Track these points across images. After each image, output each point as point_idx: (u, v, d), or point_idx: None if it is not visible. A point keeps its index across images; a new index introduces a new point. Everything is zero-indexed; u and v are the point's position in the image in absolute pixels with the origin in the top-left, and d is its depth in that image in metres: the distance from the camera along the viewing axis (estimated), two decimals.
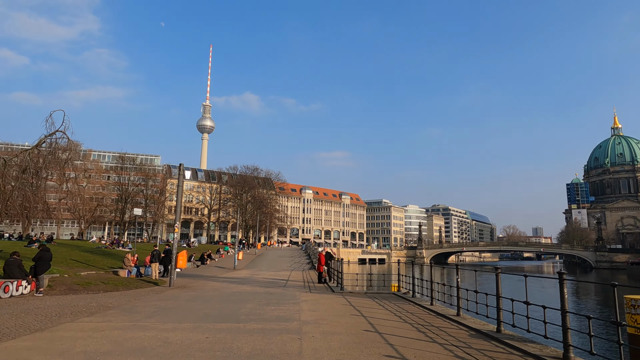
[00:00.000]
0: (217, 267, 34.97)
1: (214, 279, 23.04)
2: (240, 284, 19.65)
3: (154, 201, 63.78)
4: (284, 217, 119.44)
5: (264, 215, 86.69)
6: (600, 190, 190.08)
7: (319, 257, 20.58)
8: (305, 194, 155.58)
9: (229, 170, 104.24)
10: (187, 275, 25.42)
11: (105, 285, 15.51)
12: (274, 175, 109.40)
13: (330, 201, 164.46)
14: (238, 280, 22.02)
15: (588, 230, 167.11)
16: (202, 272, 28.23)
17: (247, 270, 32.13)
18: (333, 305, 12.54)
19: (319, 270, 20.81)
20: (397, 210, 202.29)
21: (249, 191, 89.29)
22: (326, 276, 20.73)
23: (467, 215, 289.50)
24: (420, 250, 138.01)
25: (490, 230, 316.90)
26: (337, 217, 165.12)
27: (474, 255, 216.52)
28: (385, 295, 15.41)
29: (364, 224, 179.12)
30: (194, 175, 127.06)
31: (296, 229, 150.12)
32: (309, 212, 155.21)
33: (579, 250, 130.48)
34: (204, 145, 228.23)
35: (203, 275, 25.32)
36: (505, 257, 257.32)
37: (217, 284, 19.46)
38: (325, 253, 20.86)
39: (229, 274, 27.45)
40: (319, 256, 20.61)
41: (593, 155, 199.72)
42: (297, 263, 41.93)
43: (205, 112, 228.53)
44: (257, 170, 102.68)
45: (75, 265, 21.27)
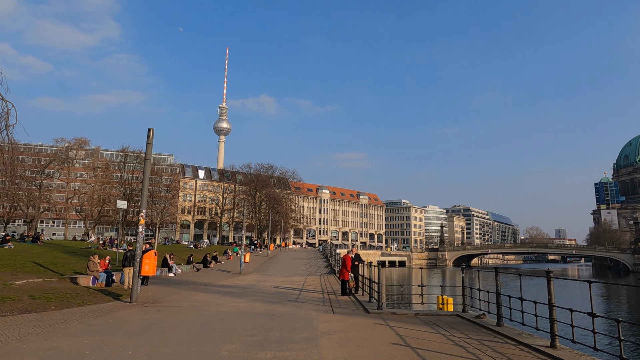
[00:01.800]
0: (221, 271, 30.00)
1: (206, 288, 17.93)
2: (236, 297, 14.47)
3: (161, 200, 59.34)
4: (300, 217, 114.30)
5: (279, 215, 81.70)
6: (631, 190, 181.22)
7: (344, 261, 15.45)
8: (322, 194, 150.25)
9: (243, 169, 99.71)
10: (176, 282, 20.45)
11: (33, 300, 10.56)
12: (289, 174, 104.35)
13: (348, 201, 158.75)
14: (236, 291, 16.85)
15: (619, 232, 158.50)
16: (197, 278, 23.24)
17: (254, 275, 27.03)
18: (375, 344, 7.23)
19: (342, 277, 15.62)
20: (416, 211, 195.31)
21: (263, 189, 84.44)
22: (353, 285, 15.50)
23: (488, 216, 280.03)
24: (442, 253, 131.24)
25: (512, 232, 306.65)
26: (354, 218, 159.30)
27: (497, 257, 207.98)
28: (448, 320, 10.03)
29: (382, 225, 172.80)
30: (207, 174, 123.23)
31: (313, 230, 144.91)
32: (325, 213, 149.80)
33: (615, 252, 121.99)
34: (221, 147, 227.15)
35: (195, 283, 20.28)
36: (529, 259, 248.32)
37: (204, 297, 14.32)
38: (355, 255, 15.59)
39: (230, 280, 22.38)
40: (344, 259, 15.54)
41: (623, 153, 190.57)
42: (314, 266, 36.70)
43: (222, 114, 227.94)
44: (272, 168, 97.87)
45: (27, 270, 16.52)
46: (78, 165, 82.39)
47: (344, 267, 15.38)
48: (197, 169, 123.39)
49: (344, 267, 15.38)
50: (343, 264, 15.40)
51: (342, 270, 15.39)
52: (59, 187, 79.55)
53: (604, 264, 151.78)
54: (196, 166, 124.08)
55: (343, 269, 15.42)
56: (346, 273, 15.23)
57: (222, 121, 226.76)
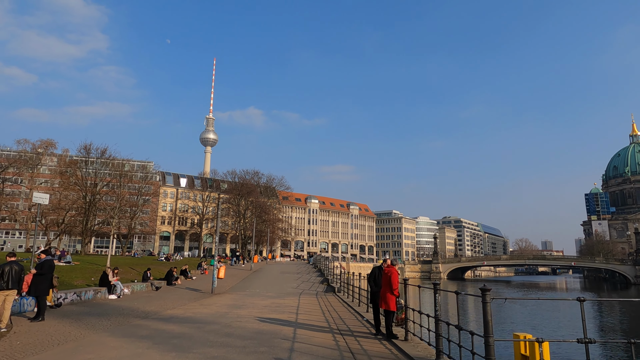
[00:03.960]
0: (187, 290, 23.18)
1: (136, 325, 11.08)
2: (174, 351, 7.79)
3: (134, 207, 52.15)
4: (288, 227, 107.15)
5: (265, 224, 74.68)
6: (621, 201, 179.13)
7: (388, 277, 9.04)
8: (311, 204, 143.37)
9: (227, 176, 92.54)
10: (101, 311, 13.66)
11: None
12: (276, 181, 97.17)
13: (338, 212, 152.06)
14: (185, 332, 10.05)
15: (612, 243, 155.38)
16: (144, 302, 16.45)
17: (229, 297, 20.28)
18: None
19: (386, 305, 9.10)
20: (408, 222, 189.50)
21: (248, 196, 77.42)
22: (401, 319, 8.84)
23: (479, 228, 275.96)
24: (436, 265, 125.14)
25: (503, 244, 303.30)
26: (344, 229, 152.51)
27: (490, 270, 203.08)
28: None
29: (373, 237, 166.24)
30: (190, 183, 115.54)
31: (301, 242, 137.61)
32: (314, 224, 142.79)
33: (615, 264, 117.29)
34: (207, 159, 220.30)
35: (131, 311, 13.50)
36: (520, 271, 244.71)
37: (102, 354, 7.58)
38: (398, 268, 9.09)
39: (190, 307, 15.63)
40: (388, 274, 9.16)
41: (612, 164, 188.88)
42: (307, 282, 29.99)
43: (209, 125, 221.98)
44: (258, 174, 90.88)
45: None
46: (45, 170, 74.65)
47: (389, 287, 9.00)
48: (179, 176, 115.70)
49: (389, 287, 9.00)
50: (386, 282, 9.07)
51: (385, 294, 8.73)
52: (25, 194, 71.58)
53: (599, 275, 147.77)
54: (177, 174, 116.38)
55: (386, 291, 9.02)
56: (392, 298, 8.68)
57: (208, 132, 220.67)
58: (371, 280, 10.09)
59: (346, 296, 21.05)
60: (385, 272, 9.10)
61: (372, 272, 10.21)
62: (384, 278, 9.13)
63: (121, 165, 54.06)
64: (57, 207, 54.54)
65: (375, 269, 10.20)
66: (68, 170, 50.27)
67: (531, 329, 24.46)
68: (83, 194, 45.30)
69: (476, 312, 32.87)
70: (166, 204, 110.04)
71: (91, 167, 49.50)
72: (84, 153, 48.87)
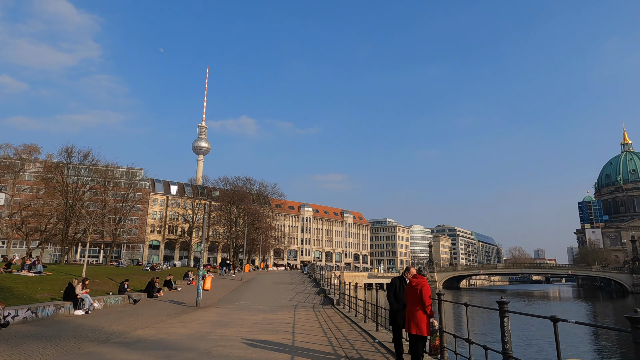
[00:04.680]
0: (170, 304, 20.77)
1: (91, 350, 8.76)
2: None
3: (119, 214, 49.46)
4: (281, 236, 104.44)
5: (257, 232, 72.09)
6: (613, 209, 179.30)
7: (419, 292, 6.59)
8: (304, 212, 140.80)
9: (219, 182, 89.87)
10: (53, 332, 11.30)
11: None
12: (269, 188, 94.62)
13: (332, 220, 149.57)
14: None
15: (606, 251, 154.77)
16: (114, 320, 14.06)
17: (215, 311, 17.91)
18: None
19: (416, 329, 6.62)
20: (402, 230, 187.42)
21: (240, 203, 74.85)
22: (436, 345, 6.57)
23: (473, 236, 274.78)
24: (431, 274, 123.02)
25: (497, 252, 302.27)
26: (338, 238, 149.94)
27: (485, 279, 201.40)
28: None
29: (367, 245, 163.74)
30: (180, 190, 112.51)
31: (294, 251, 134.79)
32: (308, 232, 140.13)
33: (613, 272, 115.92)
34: (199, 167, 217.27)
35: (92, 332, 11.12)
36: (514, 280, 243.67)
37: None
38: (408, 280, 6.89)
39: (167, 325, 13.28)
40: (417, 286, 6.72)
41: (604, 172, 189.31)
42: (302, 294, 27.63)
43: (201, 134, 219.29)
44: (250, 181, 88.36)
45: None
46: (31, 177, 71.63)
47: (419, 305, 6.68)
48: (169, 184, 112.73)
49: (419, 305, 6.68)
50: (415, 298, 6.77)
51: (413, 314, 6.38)
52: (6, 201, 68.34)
53: (594, 284, 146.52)
54: (168, 181, 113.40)
55: (415, 310, 6.67)
56: (423, 319, 6.35)
57: (201, 140, 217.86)
58: (391, 294, 7.86)
59: (347, 309, 18.78)
60: (413, 284, 6.89)
61: (391, 285, 7.98)
62: (409, 292, 6.94)
63: (105, 171, 51.39)
64: (37, 214, 51.70)
65: (395, 281, 7.98)
66: (48, 174, 47.49)
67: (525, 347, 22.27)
68: (64, 199, 42.53)
69: (489, 325, 30.56)
70: (156, 212, 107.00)
71: (73, 172, 46.77)
72: (65, 156, 46.15)
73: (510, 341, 5.14)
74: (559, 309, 58.00)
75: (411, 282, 7.04)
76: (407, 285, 7.21)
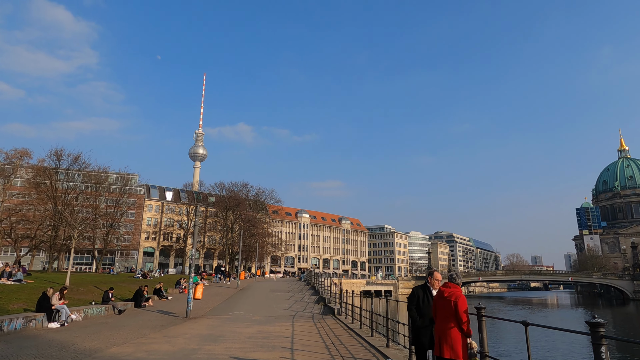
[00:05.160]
0: (158, 314, 19.23)
1: None
2: None
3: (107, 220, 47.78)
4: (278, 243, 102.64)
5: (254, 239, 70.44)
6: (611, 215, 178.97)
7: (454, 305, 5.17)
8: (302, 218, 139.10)
9: (215, 188, 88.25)
10: (34, 344, 9.80)
11: None
12: (266, 193, 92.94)
13: (329, 226, 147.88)
14: None
15: (605, 257, 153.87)
16: (92, 333, 12.55)
17: (206, 322, 16.40)
18: None
19: (450, 353, 5.17)
20: (400, 237, 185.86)
21: (236, 208, 73.24)
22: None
23: (471, 243, 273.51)
24: None
25: (494, 259, 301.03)
26: (336, 244, 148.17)
27: (483, 286, 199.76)
28: None
29: (365, 252, 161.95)
30: (176, 196, 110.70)
31: (291, 258, 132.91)
32: (305, 239, 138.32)
33: (613, 279, 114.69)
34: (196, 174, 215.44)
35: (62, 348, 9.65)
36: (512, 287, 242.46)
37: None
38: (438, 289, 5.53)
39: (148, 339, 11.75)
40: (451, 298, 5.31)
41: (601, 178, 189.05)
42: (300, 302, 26.12)
43: (198, 140, 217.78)
44: (247, 187, 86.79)
45: None
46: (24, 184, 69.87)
47: (454, 322, 5.23)
48: (165, 189, 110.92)
49: (454, 322, 5.23)
50: (448, 313, 5.38)
51: (446, 332, 5.20)
52: None
53: (593, 291, 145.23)
54: (163, 187, 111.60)
55: (448, 328, 5.24)
56: (458, 340, 4.93)
57: (197, 147, 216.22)
58: (412, 307, 6.41)
59: (350, 320, 17.30)
60: (445, 295, 5.47)
61: (412, 296, 6.51)
62: (439, 305, 5.53)
63: (97, 175, 49.73)
64: (26, 220, 49.97)
65: (417, 291, 6.52)
66: (36, 178, 45.85)
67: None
68: (52, 204, 40.89)
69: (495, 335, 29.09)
70: (150, 218, 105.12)
71: (64, 176, 45.14)
72: (54, 159, 44.56)
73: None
74: (565, 316, 56.57)
75: (442, 292, 5.62)
76: (435, 296, 5.81)
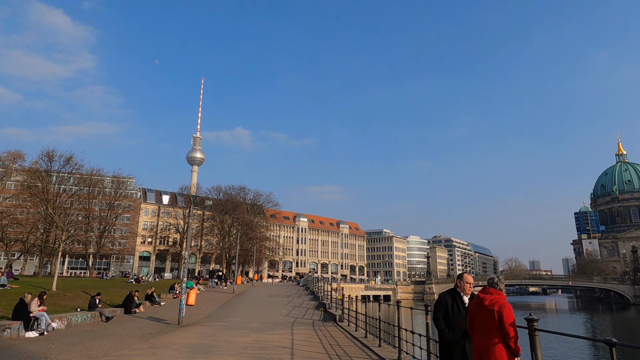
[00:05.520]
0: (148, 320, 18.05)
1: None
2: None
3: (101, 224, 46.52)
4: (276, 247, 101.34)
5: (251, 243, 69.19)
6: (610, 219, 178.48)
7: (498, 316, 4.04)
8: (300, 222, 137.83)
9: (212, 192, 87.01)
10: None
11: None
12: (264, 197, 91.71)
13: (327, 230, 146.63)
14: None
15: (604, 262, 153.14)
16: (73, 343, 11.39)
17: (198, 330, 15.24)
18: None
19: None
20: (398, 241, 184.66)
21: (233, 212, 72.01)
22: None
23: (469, 247, 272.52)
24: (429, 285, 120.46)
25: (493, 263, 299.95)
26: (334, 249, 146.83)
27: None
28: None
29: (364, 256, 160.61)
30: (172, 200, 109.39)
31: (289, 262, 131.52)
32: (303, 243, 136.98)
33: (614, 283, 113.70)
34: (194, 178, 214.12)
35: None
36: (511, 291, 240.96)
37: None
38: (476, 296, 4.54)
39: (132, 351, 10.57)
40: (492, 307, 4.24)
41: (599, 182, 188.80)
42: (299, 308, 24.96)
43: (196, 144, 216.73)
44: (245, 190, 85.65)
45: None
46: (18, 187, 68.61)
47: (498, 336, 4.11)
48: (161, 193, 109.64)
49: (498, 336, 4.11)
50: (495, 325, 4.24)
51: (487, 349, 4.13)
52: None
53: (593, 295, 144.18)
54: (160, 190, 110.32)
55: (491, 344, 4.14)
56: (504, 357, 3.92)
57: (195, 151, 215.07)
58: (440, 317, 5.28)
59: (354, 328, 16.16)
60: (486, 304, 4.37)
61: (439, 303, 5.40)
62: (477, 315, 4.42)
63: (91, 178, 48.47)
64: (17, 223, 48.64)
65: (445, 297, 5.42)
66: (27, 179, 44.60)
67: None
68: (43, 207, 39.65)
69: None
70: (147, 222, 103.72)
71: (57, 179, 43.90)
72: (46, 161, 43.33)
73: None
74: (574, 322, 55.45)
75: (481, 299, 4.52)
76: (472, 303, 4.72)
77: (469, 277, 5.27)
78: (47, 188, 42.37)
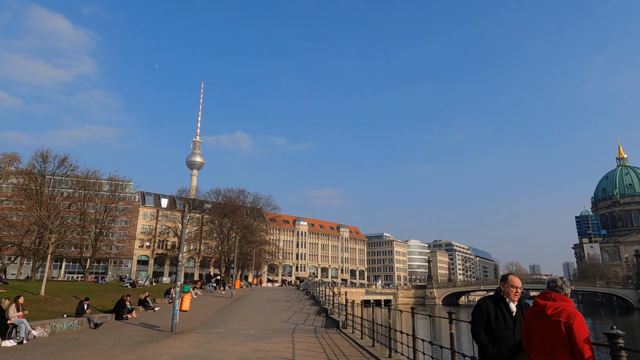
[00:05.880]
0: (140, 327, 16.96)
1: None
2: None
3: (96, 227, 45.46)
4: (276, 251, 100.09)
5: (251, 246, 68.03)
6: (611, 223, 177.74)
7: (567, 330, 2.98)
8: (300, 226, 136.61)
9: (211, 194, 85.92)
10: None
11: None
12: (263, 200, 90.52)
13: (328, 234, 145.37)
14: None
15: (606, 266, 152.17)
16: (54, 352, 10.34)
17: (192, 338, 14.15)
18: None
19: None
20: (399, 245, 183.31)
21: (232, 215, 70.90)
22: None
23: (470, 251, 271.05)
24: (430, 290, 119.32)
25: (494, 267, 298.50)
26: (334, 253, 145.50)
27: (482, 296, 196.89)
28: None
29: (364, 260, 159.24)
30: (171, 203, 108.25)
31: (289, 266, 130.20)
32: (303, 247, 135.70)
33: (617, 288, 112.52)
34: (193, 182, 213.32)
35: None
36: None
37: None
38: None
39: None
40: (558, 317, 3.22)
41: (600, 186, 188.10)
42: (300, 313, 23.85)
43: (195, 148, 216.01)
44: (244, 193, 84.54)
45: None
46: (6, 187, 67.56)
47: (569, 356, 3.07)
48: (160, 196, 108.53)
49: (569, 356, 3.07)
50: (563, 341, 3.22)
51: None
52: None
53: (595, 300, 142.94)
54: (158, 194, 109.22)
55: None
56: None
57: (195, 155, 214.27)
58: (480, 329, 4.22)
59: (359, 336, 15.09)
60: (549, 313, 3.31)
61: (479, 311, 4.35)
62: (536, 327, 3.37)
63: (85, 180, 47.42)
64: (10, 226, 47.55)
65: (485, 303, 4.38)
66: (22, 181, 43.57)
67: None
68: (36, 210, 38.58)
69: None
70: (145, 225, 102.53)
71: (49, 177, 42.84)
72: (40, 162, 42.29)
73: None
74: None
75: (541, 307, 3.46)
76: (528, 312, 3.68)
77: (516, 280, 4.23)
78: (41, 190, 41.28)
